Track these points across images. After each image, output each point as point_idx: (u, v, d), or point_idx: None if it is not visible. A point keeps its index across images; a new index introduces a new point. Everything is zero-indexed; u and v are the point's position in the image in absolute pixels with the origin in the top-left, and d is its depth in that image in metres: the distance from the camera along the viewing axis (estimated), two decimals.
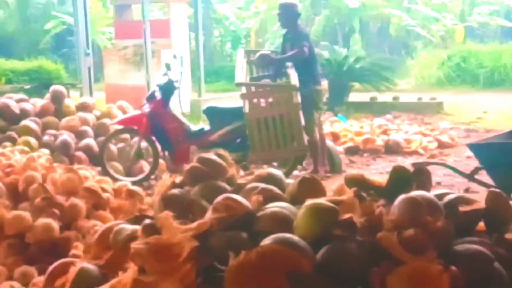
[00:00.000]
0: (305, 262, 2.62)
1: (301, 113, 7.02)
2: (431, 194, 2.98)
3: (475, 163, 5.02)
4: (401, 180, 3.17)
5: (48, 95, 7.57)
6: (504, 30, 27.19)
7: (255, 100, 7.12)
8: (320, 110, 7.90)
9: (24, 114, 7.09)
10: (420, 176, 3.27)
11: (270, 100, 7.12)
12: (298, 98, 7.00)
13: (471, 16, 26.72)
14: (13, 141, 6.60)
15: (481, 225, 3.00)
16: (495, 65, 17.98)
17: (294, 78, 7.13)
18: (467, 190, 6.16)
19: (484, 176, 4.94)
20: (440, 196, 2.99)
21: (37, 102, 7.45)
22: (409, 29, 23.23)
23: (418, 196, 2.88)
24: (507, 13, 28.24)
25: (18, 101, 7.33)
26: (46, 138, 6.91)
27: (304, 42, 7.48)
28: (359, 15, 22.84)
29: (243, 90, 7.17)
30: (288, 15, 7.69)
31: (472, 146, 5.16)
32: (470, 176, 5.01)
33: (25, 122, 6.95)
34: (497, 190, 3.17)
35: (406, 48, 23.43)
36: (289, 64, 7.39)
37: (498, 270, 2.70)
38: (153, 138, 7.37)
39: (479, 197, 3.15)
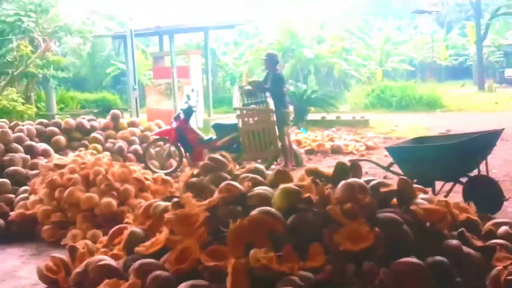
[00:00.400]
0: (280, 226, 2.64)
1: (276, 127, 7.06)
2: (361, 180, 3.00)
3: (390, 159, 5.02)
4: (342, 171, 3.19)
5: (109, 116, 7.52)
6: (408, 72, 27.54)
7: (246, 119, 7.12)
8: (288, 125, 7.91)
9: (93, 128, 7.06)
10: (354, 168, 3.29)
11: (256, 118, 7.13)
12: (274, 117, 7.03)
13: (387, 63, 26.97)
14: (86, 147, 6.58)
15: (394, 200, 3.03)
16: (402, 95, 18.05)
17: (271, 104, 7.17)
18: (385, 177, 6.15)
19: (396, 168, 4.95)
20: (367, 181, 3.02)
21: (102, 121, 7.41)
22: (346, 72, 23.36)
23: (353, 182, 2.91)
24: (411, 61, 28.55)
25: (89, 120, 7.29)
26: (107, 145, 6.87)
27: (284, 84, 7.61)
28: (313, 63, 22.95)
29: (238, 112, 7.19)
30: (271, 61, 7.70)
31: (388, 148, 5.17)
32: (387, 168, 5.02)
33: (94, 134, 6.92)
34: (405, 177, 3.21)
35: (344, 84, 23.47)
36: (268, 94, 7.43)
37: (406, 230, 2.72)
38: (179, 144, 7.35)
39: (393, 182, 3.17)
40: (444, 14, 31.88)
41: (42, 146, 6.07)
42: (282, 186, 2.85)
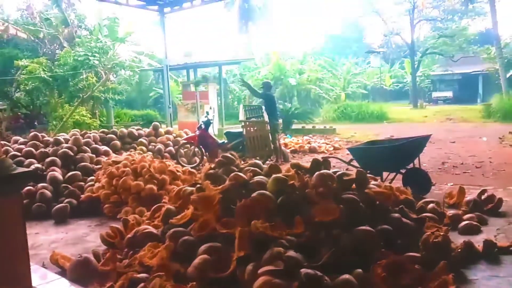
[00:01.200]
0: (272, 204, 2.63)
1: (269, 134, 7.06)
2: (330, 171, 3.00)
3: (350, 157, 5.01)
4: (316, 165, 3.18)
5: (151, 127, 7.50)
6: (363, 95, 27.17)
7: (248, 128, 7.12)
8: (278, 133, 7.90)
9: (140, 135, 7.03)
10: (325, 163, 3.28)
11: (255, 128, 7.14)
12: (268, 127, 7.05)
13: (348, 88, 26.84)
14: (135, 149, 6.56)
15: (354, 185, 3.02)
16: (359, 111, 18.02)
17: (266, 117, 7.19)
18: (347, 169, 6.15)
19: (355, 163, 4.94)
20: (335, 172, 3.01)
21: (146, 130, 7.37)
22: (319, 94, 23.23)
23: (324, 172, 2.90)
24: (365, 86, 28.28)
25: (137, 129, 7.25)
26: (150, 147, 6.85)
27: (274, 103, 7.60)
28: (296, 88, 22.87)
29: (243, 123, 7.18)
30: (266, 87, 7.70)
31: (349, 149, 5.16)
32: (348, 163, 5.01)
33: (140, 139, 6.89)
34: (361, 169, 3.20)
35: (318, 103, 23.29)
36: (264, 111, 7.43)
37: (362, 206, 2.72)
38: (201, 146, 7.33)
39: (353, 173, 3.16)
40: (388, 53, 31.96)
41: (103, 148, 6.06)
42: (274, 175, 2.85)
